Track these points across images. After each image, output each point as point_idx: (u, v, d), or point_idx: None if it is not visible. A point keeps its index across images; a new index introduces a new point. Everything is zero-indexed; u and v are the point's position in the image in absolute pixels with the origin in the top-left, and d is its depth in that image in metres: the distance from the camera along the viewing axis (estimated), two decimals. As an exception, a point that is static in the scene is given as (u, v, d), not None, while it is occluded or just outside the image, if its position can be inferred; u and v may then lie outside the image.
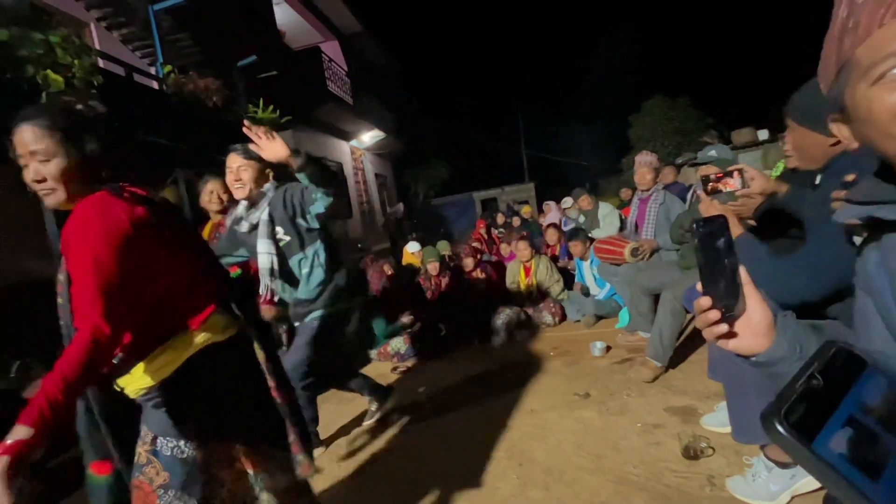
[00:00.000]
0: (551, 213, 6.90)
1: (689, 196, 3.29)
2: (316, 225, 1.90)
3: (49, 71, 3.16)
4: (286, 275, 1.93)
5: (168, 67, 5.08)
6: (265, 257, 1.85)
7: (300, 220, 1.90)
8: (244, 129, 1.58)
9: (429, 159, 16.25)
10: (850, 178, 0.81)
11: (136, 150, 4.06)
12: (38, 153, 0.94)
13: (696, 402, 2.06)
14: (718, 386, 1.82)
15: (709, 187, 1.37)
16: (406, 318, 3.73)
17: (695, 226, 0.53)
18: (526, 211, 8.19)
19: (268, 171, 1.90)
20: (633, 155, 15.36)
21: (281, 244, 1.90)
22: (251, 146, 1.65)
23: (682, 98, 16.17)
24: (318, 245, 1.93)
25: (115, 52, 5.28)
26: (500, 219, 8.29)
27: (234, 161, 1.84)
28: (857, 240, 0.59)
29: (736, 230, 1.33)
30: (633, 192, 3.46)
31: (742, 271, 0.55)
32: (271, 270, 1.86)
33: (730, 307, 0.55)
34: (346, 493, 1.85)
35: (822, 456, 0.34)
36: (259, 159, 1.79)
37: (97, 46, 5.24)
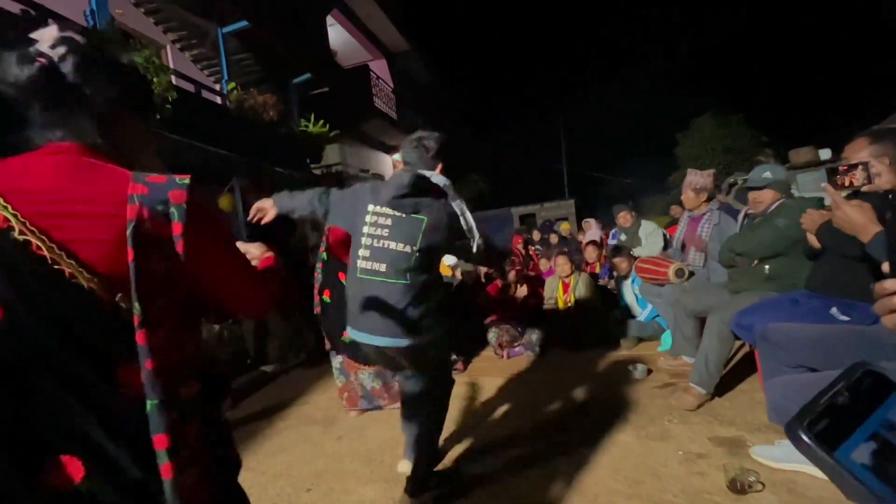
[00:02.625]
0: (591, 231, 6.77)
1: (739, 218, 3.14)
2: None
3: (132, 88, 3.52)
4: None
5: (232, 84, 5.49)
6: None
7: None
8: None
9: (468, 173, 16.40)
10: None
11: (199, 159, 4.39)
12: None
13: (744, 434, 1.95)
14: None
15: (836, 180, 1.30)
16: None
17: (890, 196, 0.50)
18: (565, 228, 8.06)
19: None
20: (679, 173, 14.85)
21: None
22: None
23: (735, 115, 15.48)
24: None
25: (186, 70, 5.78)
26: (537, 235, 8.20)
27: None
28: None
29: (873, 228, 1.21)
30: (682, 210, 3.33)
31: None
32: None
33: None
34: (380, 500, 1.88)
35: (843, 464, 0.35)
36: None
37: (172, 65, 5.76)
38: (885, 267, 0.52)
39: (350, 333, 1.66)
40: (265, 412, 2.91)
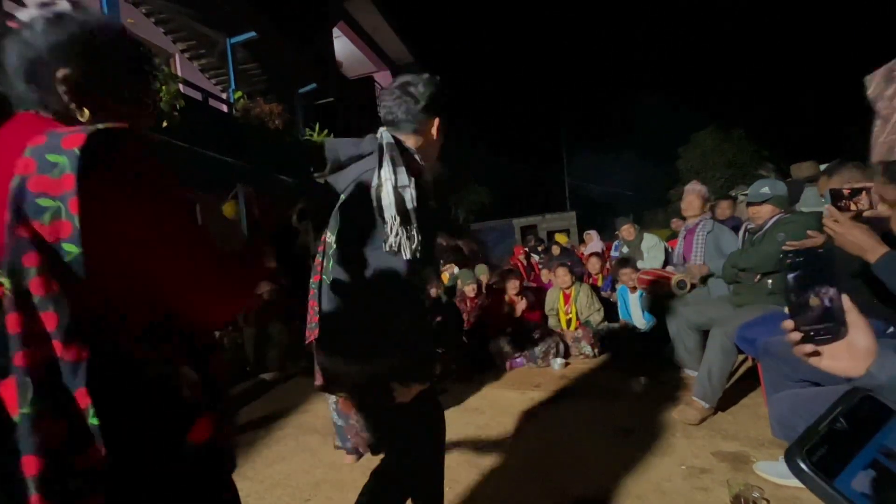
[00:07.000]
0: (593, 243, 6.78)
1: (741, 232, 3.15)
2: None
3: (141, 95, 3.58)
4: None
5: (238, 93, 5.57)
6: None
7: None
8: None
9: (470, 184, 16.48)
10: None
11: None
12: None
13: (748, 449, 1.93)
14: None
15: (841, 203, 1.37)
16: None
17: (788, 260, 0.56)
18: (561, 239, 8.05)
19: None
20: (680, 188, 14.88)
21: None
22: None
23: (736, 130, 15.56)
24: None
25: (194, 79, 5.86)
26: (544, 249, 8.20)
27: None
28: None
29: (880, 249, 1.29)
30: (682, 223, 3.38)
31: (845, 299, 0.58)
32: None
33: (828, 331, 0.58)
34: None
35: (843, 493, 0.35)
36: None
37: (180, 74, 5.84)
38: (786, 309, 0.59)
39: None
40: (264, 420, 2.89)
